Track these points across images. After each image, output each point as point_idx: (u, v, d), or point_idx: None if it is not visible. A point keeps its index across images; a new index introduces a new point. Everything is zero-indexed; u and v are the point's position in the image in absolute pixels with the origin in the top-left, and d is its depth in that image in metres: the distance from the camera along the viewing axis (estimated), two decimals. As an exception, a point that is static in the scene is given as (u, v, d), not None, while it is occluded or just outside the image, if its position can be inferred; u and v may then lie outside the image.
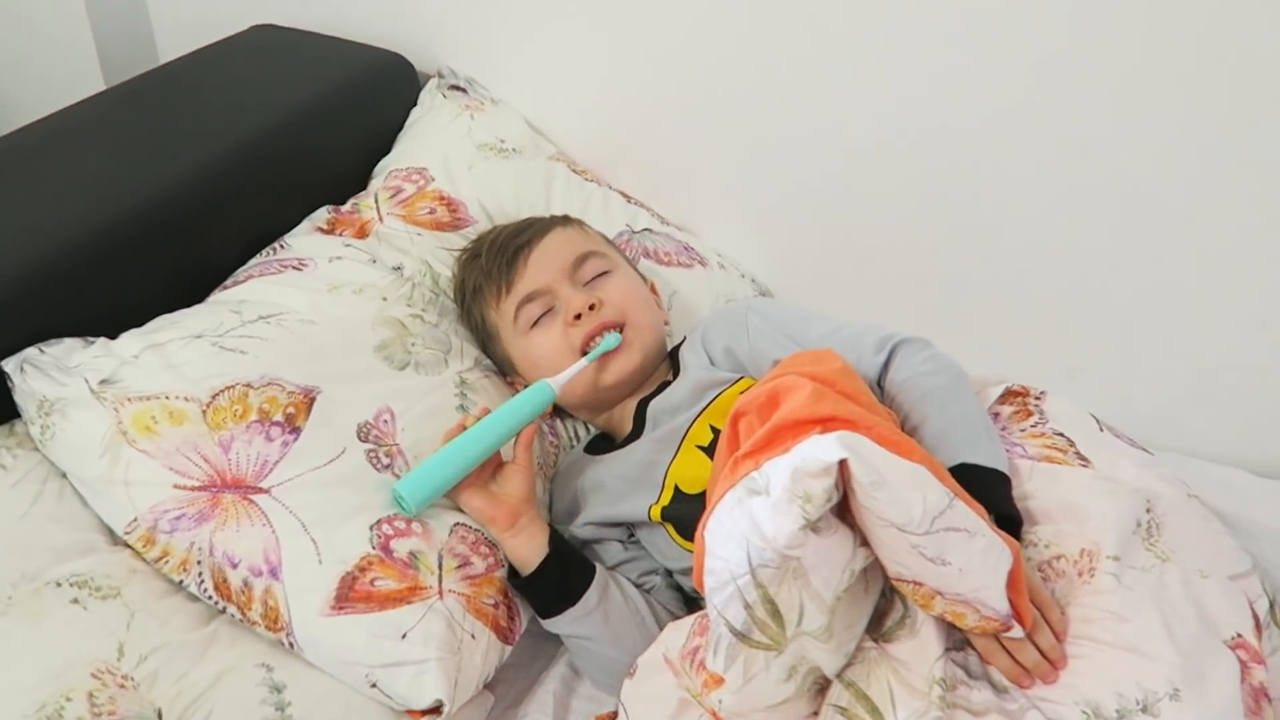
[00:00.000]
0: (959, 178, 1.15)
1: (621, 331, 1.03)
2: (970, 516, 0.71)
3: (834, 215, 1.25)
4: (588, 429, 1.14)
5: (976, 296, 1.22)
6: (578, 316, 1.02)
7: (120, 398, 0.89)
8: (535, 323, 1.05)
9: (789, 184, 1.26)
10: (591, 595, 0.92)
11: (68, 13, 1.43)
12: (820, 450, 0.68)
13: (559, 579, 0.93)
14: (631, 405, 1.05)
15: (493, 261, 1.07)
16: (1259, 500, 1.04)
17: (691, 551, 0.81)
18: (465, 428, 0.93)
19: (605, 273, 1.08)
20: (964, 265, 1.20)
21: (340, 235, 1.16)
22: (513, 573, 0.95)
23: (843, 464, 0.68)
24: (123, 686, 0.76)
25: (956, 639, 0.80)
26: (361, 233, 1.17)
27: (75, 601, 0.80)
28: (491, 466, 0.95)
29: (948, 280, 1.22)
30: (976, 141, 1.12)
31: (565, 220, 1.14)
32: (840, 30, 1.13)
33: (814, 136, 1.21)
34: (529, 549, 0.93)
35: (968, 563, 0.71)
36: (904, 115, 1.14)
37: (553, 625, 0.94)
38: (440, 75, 1.37)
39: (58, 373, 0.90)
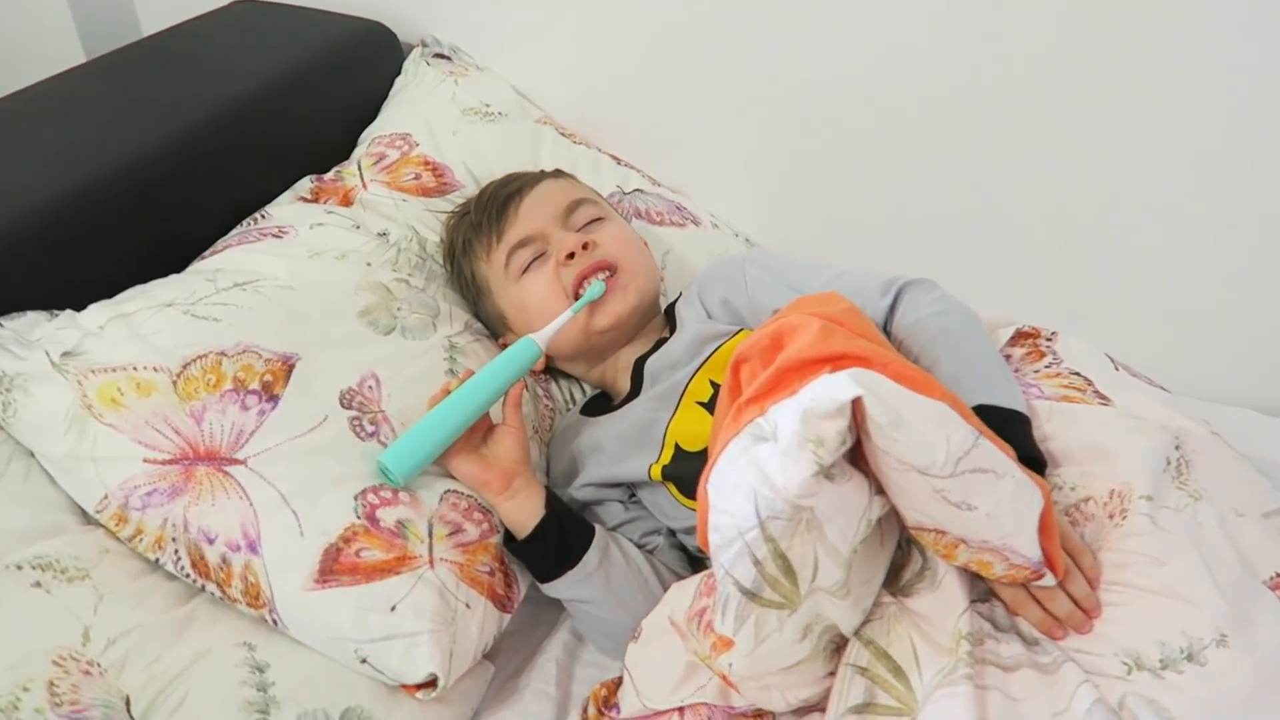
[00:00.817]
0: (954, 130, 1.06)
1: (615, 273, 0.94)
2: (998, 456, 0.61)
3: (827, 169, 1.16)
4: (584, 390, 1.04)
5: (974, 245, 1.13)
6: (570, 256, 0.93)
7: (84, 370, 0.78)
8: (526, 269, 0.95)
9: (782, 142, 1.16)
10: (591, 557, 0.83)
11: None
12: (832, 389, 0.58)
13: (557, 541, 0.84)
14: (628, 364, 0.96)
15: (482, 213, 0.98)
16: (1273, 439, 0.96)
17: (695, 510, 0.71)
18: (450, 392, 0.83)
19: (598, 219, 0.99)
20: (961, 216, 1.11)
21: (324, 204, 1.06)
22: (509, 537, 0.86)
23: (857, 403, 0.58)
24: (87, 673, 0.66)
25: (980, 590, 0.70)
26: (345, 200, 1.08)
27: (38, 585, 0.70)
28: (481, 430, 0.86)
29: (944, 231, 1.13)
30: (973, 90, 1.03)
31: (556, 173, 1.06)
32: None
33: (806, 93, 1.11)
34: (525, 512, 0.84)
35: (996, 507, 0.61)
36: (898, 64, 1.05)
37: (552, 589, 0.84)
38: (424, 44, 1.27)
39: (18, 346, 0.80)
